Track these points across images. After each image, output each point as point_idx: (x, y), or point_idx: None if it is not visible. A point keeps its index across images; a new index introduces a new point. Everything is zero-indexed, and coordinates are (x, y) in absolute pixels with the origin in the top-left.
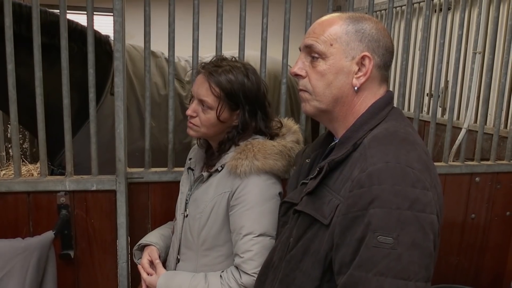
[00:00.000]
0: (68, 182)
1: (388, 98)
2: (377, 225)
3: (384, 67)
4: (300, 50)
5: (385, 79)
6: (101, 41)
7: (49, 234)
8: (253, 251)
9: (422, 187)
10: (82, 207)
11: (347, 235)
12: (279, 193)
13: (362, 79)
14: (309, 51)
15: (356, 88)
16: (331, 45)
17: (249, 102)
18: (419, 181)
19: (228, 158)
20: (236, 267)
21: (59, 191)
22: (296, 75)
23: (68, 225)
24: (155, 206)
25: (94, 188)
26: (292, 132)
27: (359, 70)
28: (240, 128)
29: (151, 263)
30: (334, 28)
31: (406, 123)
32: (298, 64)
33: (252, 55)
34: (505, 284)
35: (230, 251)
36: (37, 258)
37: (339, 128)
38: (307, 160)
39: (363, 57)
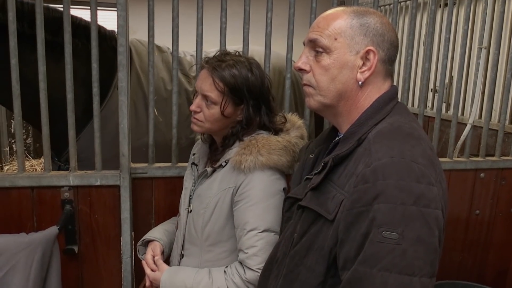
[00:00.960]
0: (72, 177)
1: (392, 93)
2: (382, 220)
3: (388, 62)
4: (304, 45)
5: (389, 74)
6: (107, 36)
7: (53, 229)
8: (257, 246)
9: (427, 182)
10: (86, 202)
11: (352, 230)
12: (283, 189)
13: (367, 74)
14: (313, 45)
15: (360, 82)
16: (336, 39)
17: (253, 96)
18: (424, 176)
19: (232, 153)
20: (240, 263)
21: (63, 186)
22: (300, 69)
23: (72, 220)
24: (158, 201)
25: (98, 183)
26: (296, 127)
27: (363, 64)
28: (244, 123)
29: None
30: (339, 22)
31: (411, 118)
32: (302, 58)
33: (257, 50)
34: (509, 281)
35: (234, 246)
36: (41, 253)
37: (343, 123)
38: (311, 155)
39: (367, 52)
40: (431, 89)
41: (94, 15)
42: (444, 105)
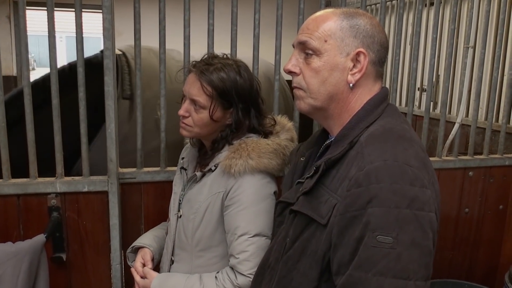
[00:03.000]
0: (59, 184)
1: (383, 94)
2: (376, 224)
3: (379, 63)
4: (293, 47)
5: (380, 75)
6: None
7: (41, 238)
8: (249, 251)
9: (421, 185)
10: (74, 209)
11: (345, 235)
12: (274, 192)
13: (357, 76)
14: (303, 47)
15: (351, 84)
16: (326, 41)
17: (242, 100)
18: (417, 179)
19: (222, 157)
20: (232, 268)
21: (49, 193)
22: (290, 72)
23: (60, 227)
24: (148, 206)
25: (85, 189)
26: (286, 130)
27: (354, 66)
28: (233, 126)
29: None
30: (328, 24)
31: (402, 119)
32: (292, 61)
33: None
34: (499, 278)
35: (225, 251)
36: (29, 263)
37: (334, 126)
38: (301, 159)
39: (358, 53)
40: (419, 88)
41: (78, 17)
42: (431, 103)
